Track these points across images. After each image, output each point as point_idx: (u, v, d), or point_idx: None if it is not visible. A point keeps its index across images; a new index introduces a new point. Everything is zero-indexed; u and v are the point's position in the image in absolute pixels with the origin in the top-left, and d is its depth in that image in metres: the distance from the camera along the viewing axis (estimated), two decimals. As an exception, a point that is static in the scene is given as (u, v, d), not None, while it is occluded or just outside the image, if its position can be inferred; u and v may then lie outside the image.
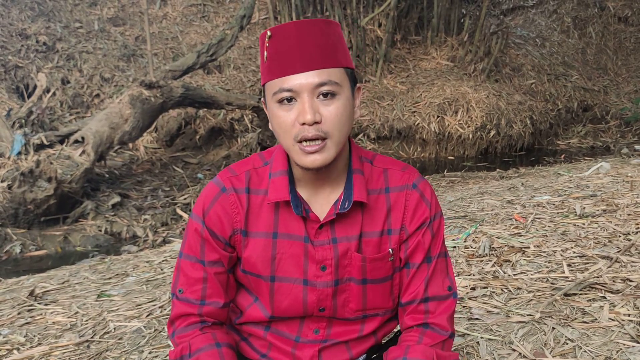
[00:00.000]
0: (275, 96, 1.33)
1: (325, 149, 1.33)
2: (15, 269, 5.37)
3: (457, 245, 3.39)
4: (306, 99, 1.30)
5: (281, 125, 1.33)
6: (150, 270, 3.88)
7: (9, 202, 6.09)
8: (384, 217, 1.46)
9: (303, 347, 1.51)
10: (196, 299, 1.46)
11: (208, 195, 1.46)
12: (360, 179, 1.44)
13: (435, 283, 1.47)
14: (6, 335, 2.86)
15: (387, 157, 1.53)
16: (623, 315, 2.36)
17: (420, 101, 9.99)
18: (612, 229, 3.40)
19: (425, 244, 1.46)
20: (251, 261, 1.45)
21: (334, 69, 1.32)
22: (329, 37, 1.33)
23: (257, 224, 1.45)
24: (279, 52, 1.32)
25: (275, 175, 1.44)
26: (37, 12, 11.62)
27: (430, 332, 1.45)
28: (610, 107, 11.58)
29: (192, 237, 1.46)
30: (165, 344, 2.57)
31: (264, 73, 1.36)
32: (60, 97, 10.27)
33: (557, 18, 13.43)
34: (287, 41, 1.31)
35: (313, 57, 1.30)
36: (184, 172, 8.40)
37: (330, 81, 1.31)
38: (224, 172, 1.49)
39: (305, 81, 1.30)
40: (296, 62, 1.30)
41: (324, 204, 1.45)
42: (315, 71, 1.30)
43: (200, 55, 8.75)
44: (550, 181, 5.38)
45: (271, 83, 1.34)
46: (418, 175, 1.49)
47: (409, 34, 11.42)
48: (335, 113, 1.32)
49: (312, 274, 1.44)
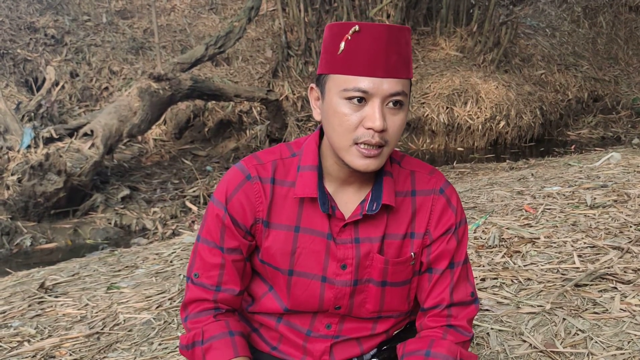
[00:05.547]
0: (345, 92, 1.29)
1: (381, 156, 1.32)
2: (25, 261, 5.40)
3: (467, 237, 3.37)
4: (378, 105, 1.28)
5: (343, 123, 1.31)
6: (159, 263, 3.89)
7: (19, 195, 6.13)
8: (408, 220, 1.45)
9: (314, 341, 1.51)
10: (212, 285, 1.45)
11: (232, 182, 1.43)
12: (390, 182, 1.43)
13: (459, 290, 1.46)
14: (17, 327, 2.87)
15: (415, 159, 1.51)
16: (634, 306, 2.34)
17: (430, 92, 9.95)
18: (623, 219, 3.38)
19: (450, 250, 1.45)
20: (270, 252, 1.44)
21: (406, 80, 1.32)
22: (408, 47, 1.33)
23: (280, 216, 1.43)
24: (363, 50, 1.28)
25: (305, 169, 1.42)
26: (45, 5, 11.64)
27: (453, 332, 1.44)
28: (621, 97, 11.49)
29: (213, 222, 1.44)
30: (174, 335, 2.58)
31: (335, 64, 1.31)
32: (69, 90, 10.30)
33: (567, 7, 13.32)
34: (375, 42, 1.28)
35: (396, 65, 1.29)
36: (193, 164, 8.42)
37: (403, 92, 1.30)
38: (249, 159, 1.46)
39: (383, 87, 1.28)
40: (380, 67, 1.27)
41: (349, 202, 1.43)
42: (393, 79, 1.29)
43: (209, 47, 8.75)
44: (561, 172, 5.34)
45: (343, 77, 1.30)
46: (445, 181, 1.48)
47: (418, 25, 11.37)
48: (399, 124, 1.32)
49: (331, 272, 1.43)
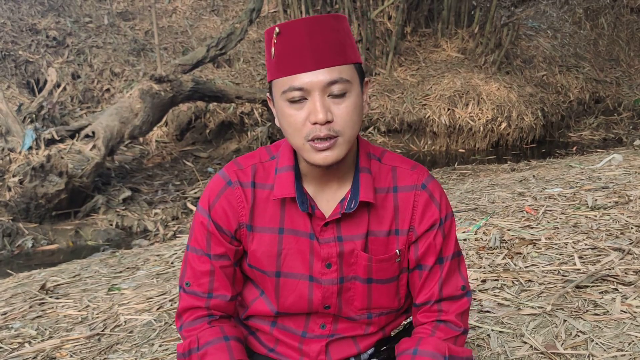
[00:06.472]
0: (284, 95, 1.29)
1: (336, 146, 1.30)
2: (27, 263, 5.40)
3: (468, 238, 3.37)
4: (317, 98, 1.27)
5: (291, 124, 1.31)
6: (160, 264, 3.90)
7: (20, 196, 6.13)
8: (391, 217, 1.44)
9: (310, 342, 1.51)
10: (203, 292, 1.45)
11: (214, 189, 1.45)
12: (367, 178, 1.41)
13: (449, 284, 1.46)
14: (18, 328, 2.88)
15: (396, 155, 1.50)
16: (635, 308, 2.34)
17: (431, 94, 9.94)
18: (624, 220, 3.38)
19: (437, 246, 1.44)
20: (257, 256, 1.44)
21: (344, 66, 1.29)
22: (338, 33, 1.30)
23: (263, 219, 1.43)
24: (288, 50, 1.28)
25: (282, 170, 1.42)
26: (47, 7, 11.66)
27: (443, 327, 1.44)
28: (623, 99, 11.47)
29: (199, 230, 1.45)
30: (175, 337, 2.58)
31: (272, 70, 1.32)
32: (71, 91, 10.30)
33: (568, 9, 13.30)
34: (296, 39, 1.27)
35: (324, 54, 1.27)
36: (194, 166, 8.42)
37: (342, 79, 1.28)
38: (230, 165, 1.47)
39: (316, 79, 1.26)
40: (307, 60, 1.26)
41: (330, 201, 1.43)
42: (326, 69, 1.27)
43: (210, 49, 8.76)
44: (562, 173, 5.34)
45: (280, 80, 1.30)
46: (428, 175, 1.46)
47: (419, 26, 11.35)
48: (346, 112, 1.29)
49: (317, 271, 1.44)
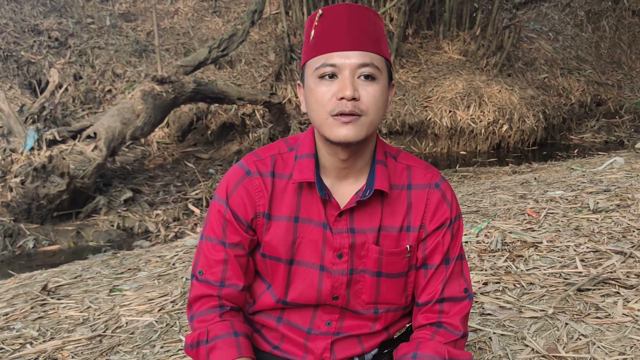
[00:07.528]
0: (317, 71, 1.34)
1: (358, 124, 1.34)
2: (28, 263, 5.41)
3: (470, 241, 3.37)
4: (347, 76, 1.32)
5: (318, 98, 1.35)
6: (162, 265, 3.89)
7: (22, 197, 6.13)
8: (404, 213, 1.46)
9: (315, 339, 1.52)
10: (216, 281, 1.47)
11: (232, 178, 1.47)
12: (382, 169, 1.45)
13: (452, 285, 1.48)
14: (19, 329, 2.88)
15: (411, 155, 1.54)
16: (637, 311, 2.34)
17: (432, 96, 9.95)
18: (626, 223, 3.37)
19: (445, 245, 1.47)
20: (272, 244, 1.46)
21: (376, 55, 1.35)
22: (375, 26, 1.37)
23: (281, 208, 1.46)
24: (328, 30, 1.34)
25: (302, 157, 1.45)
26: (49, 7, 11.67)
27: (442, 331, 1.45)
28: (624, 102, 11.47)
29: (215, 218, 1.47)
30: (177, 338, 2.58)
31: (308, 51, 1.38)
32: (73, 92, 10.31)
33: (570, 11, 13.31)
34: (337, 20, 1.34)
35: (359, 38, 1.33)
36: (196, 167, 8.42)
37: (373, 64, 1.34)
38: (249, 156, 1.50)
39: (348, 60, 1.32)
40: (343, 40, 1.33)
41: (345, 194, 1.46)
42: (360, 52, 1.33)
43: (212, 50, 8.75)
44: (564, 176, 5.34)
45: (314, 60, 1.36)
46: (440, 176, 1.51)
47: (421, 28, 11.36)
48: (373, 94, 1.34)
49: (328, 261, 1.46)
